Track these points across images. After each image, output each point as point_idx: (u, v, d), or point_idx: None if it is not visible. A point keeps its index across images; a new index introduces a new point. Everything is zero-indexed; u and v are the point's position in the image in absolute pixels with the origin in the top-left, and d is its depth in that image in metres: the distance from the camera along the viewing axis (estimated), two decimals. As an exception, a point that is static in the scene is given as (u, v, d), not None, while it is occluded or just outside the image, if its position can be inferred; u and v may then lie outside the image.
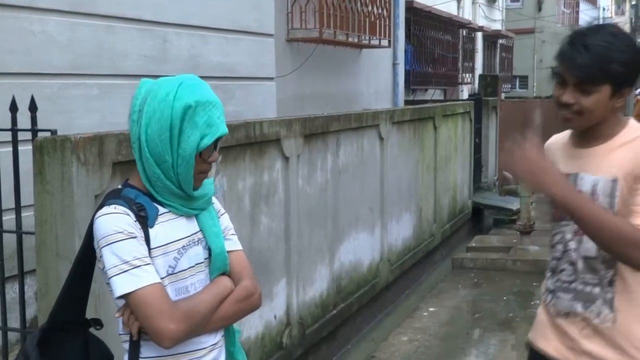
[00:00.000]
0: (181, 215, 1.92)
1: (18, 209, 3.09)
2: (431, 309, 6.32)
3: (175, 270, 1.88)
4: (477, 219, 9.86)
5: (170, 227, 1.89)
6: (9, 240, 3.32)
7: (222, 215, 2.07)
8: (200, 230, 1.95)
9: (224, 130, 1.88)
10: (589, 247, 2.04)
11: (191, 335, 1.83)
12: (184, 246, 1.90)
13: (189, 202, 1.93)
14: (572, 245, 2.09)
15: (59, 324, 1.96)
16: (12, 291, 3.75)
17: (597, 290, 2.06)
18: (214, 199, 2.08)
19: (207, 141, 1.84)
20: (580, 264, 2.09)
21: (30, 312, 3.58)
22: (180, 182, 1.87)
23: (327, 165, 4.93)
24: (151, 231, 1.84)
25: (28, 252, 3.16)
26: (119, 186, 1.96)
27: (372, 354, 5.33)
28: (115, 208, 1.81)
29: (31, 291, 3.77)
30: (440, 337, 5.66)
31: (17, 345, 3.63)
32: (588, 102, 2.02)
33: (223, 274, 1.97)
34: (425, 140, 7.20)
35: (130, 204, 1.84)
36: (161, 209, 1.89)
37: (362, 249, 5.57)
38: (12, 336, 3.73)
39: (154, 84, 1.88)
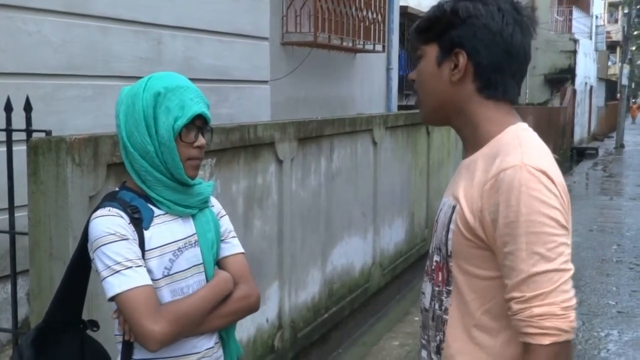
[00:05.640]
0: (177, 217, 1.93)
1: (11, 209, 3.08)
2: (422, 314, 6.31)
3: (171, 272, 1.88)
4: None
5: (166, 229, 1.89)
6: (1, 240, 3.31)
7: (222, 217, 2.07)
8: (196, 233, 1.96)
9: (199, 109, 1.88)
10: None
11: (179, 338, 1.82)
12: (179, 248, 1.90)
13: (184, 197, 1.93)
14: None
15: (54, 323, 1.96)
16: (3, 292, 3.74)
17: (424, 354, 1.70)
18: (214, 201, 2.08)
19: (181, 122, 1.85)
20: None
21: (21, 313, 3.57)
22: (170, 170, 1.87)
23: (321, 169, 4.94)
24: (146, 233, 1.85)
25: (20, 252, 3.16)
26: (116, 188, 1.96)
27: (363, 358, 5.33)
28: (109, 210, 1.82)
29: (23, 292, 3.76)
30: (431, 342, 5.66)
31: (8, 346, 3.62)
32: (418, 69, 1.65)
33: None
34: (418, 145, 7.22)
35: (124, 206, 1.84)
36: (157, 211, 1.90)
37: (354, 253, 5.58)
38: (4, 337, 3.73)
39: (130, 87, 1.91)
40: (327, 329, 5.11)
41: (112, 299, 1.78)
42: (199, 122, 1.90)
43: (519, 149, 1.49)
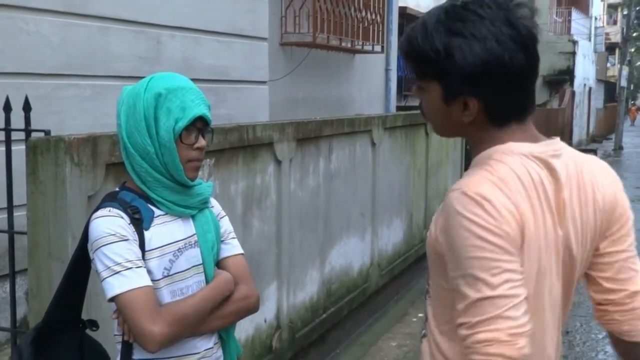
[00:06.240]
0: (177, 218, 1.93)
1: (10, 208, 3.09)
2: (420, 315, 6.33)
3: (171, 272, 1.88)
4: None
5: (166, 230, 1.90)
6: (0, 239, 3.32)
7: (222, 218, 2.08)
8: (196, 233, 1.96)
9: (200, 111, 1.87)
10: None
11: (178, 339, 1.83)
12: (179, 248, 1.91)
13: (184, 197, 1.93)
14: None
15: (54, 323, 1.96)
16: (2, 291, 3.75)
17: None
18: (214, 202, 2.09)
19: (182, 124, 1.85)
20: None
21: (20, 312, 3.57)
22: (169, 171, 1.88)
23: (320, 169, 4.95)
24: (146, 233, 1.85)
25: (19, 251, 3.16)
26: (116, 189, 1.97)
27: (361, 359, 5.34)
28: (109, 211, 1.83)
29: (21, 291, 3.77)
30: (429, 343, 5.66)
31: (6, 345, 3.62)
32: (423, 99, 1.58)
33: None
34: (417, 146, 7.23)
35: (125, 206, 1.85)
36: (157, 212, 1.90)
37: (352, 254, 5.59)
38: (2, 336, 3.73)
39: (131, 87, 1.91)
40: (326, 329, 5.12)
41: (111, 299, 1.79)
42: (200, 124, 1.90)
43: (475, 172, 1.46)
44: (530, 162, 1.46)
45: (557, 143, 1.52)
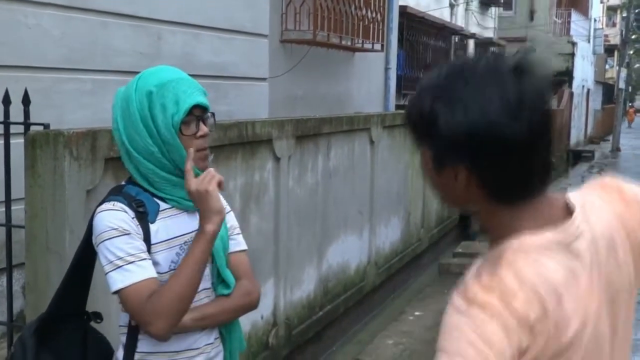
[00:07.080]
0: (183, 211, 1.93)
1: (8, 202, 3.08)
2: (417, 313, 6.34)
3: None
4: (463, 225, 9.89)
5: (172, 223, 1.89)
6: (-2, 233, 3.31)
7: (227, 213, 2.07)
8: None
9: (194, 100, 1.83)
10: None
11: (180, 319, 1.78)
12: (186, 242, 1.90)
13: None
14: None
15: (57, 315, 1.97)
16: (-1, 284, 3.74)
17: None
18: (219, 196, 2.08)
19: (178, 118, 1.81)
20: None
21: (17, 307, 3.57)
22: (178, 167, 1.86)
23: (318, 167, 4.94)
24: (152, 227, 1.84)
25: (16, 245, 3.15)
26: (123, 182, 1.96)
27: (357, 356, 5.34)
28: (113, 205, 1.82)
29: (18, 285, 3.76)
30: (425, 341, 5.67)
31: (3, 339, 3.62)
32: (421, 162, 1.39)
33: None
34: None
35: (129, 200, 1.84)
36: (162, 205, 1.89)
37: (350, 252, 5.59)
38: (-2, 329, 3.72)
39: (124, 89, 1.89)
40: (322, 327, 5.12)
41: (115, 293, 1.79)
42: (198, 112, 1.86)
43: (480, 272, 1.27)
44: (561, 256, 1.26)
45: (574, 222, 1.28)
